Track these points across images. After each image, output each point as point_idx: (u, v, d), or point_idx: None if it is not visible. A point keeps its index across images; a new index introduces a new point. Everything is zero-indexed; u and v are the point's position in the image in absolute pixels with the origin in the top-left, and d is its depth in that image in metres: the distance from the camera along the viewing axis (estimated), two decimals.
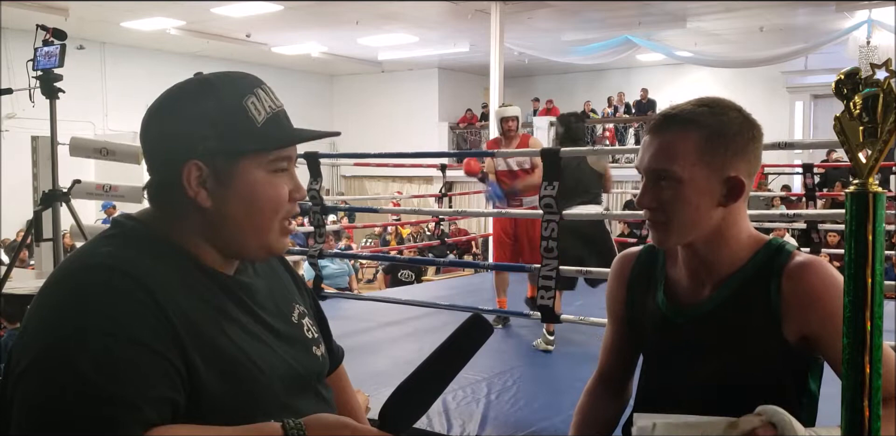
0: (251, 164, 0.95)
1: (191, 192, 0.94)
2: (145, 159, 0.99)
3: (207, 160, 0.94)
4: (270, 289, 1.07)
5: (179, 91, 0.98)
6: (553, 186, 3.32)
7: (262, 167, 0.96)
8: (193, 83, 0.98)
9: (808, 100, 14.56)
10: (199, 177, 0.94)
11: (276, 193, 0.97)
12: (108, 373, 0.82)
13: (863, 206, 0.64)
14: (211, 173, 0.94)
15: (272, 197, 0.97)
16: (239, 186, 0.95)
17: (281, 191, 0.98)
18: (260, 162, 0.96)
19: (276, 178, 0.98)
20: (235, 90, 0.96)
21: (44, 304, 0.90)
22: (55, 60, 3.71)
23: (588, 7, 10.63)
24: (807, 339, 1.15)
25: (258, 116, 0.96)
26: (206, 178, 0.94)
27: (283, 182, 0.98)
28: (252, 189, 0.96)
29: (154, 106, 0.98)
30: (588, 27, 11.79)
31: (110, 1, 9.97)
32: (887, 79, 0.67)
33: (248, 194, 0.96)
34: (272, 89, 1.01)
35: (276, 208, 0.98)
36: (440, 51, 13.99)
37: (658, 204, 1.16)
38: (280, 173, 0.98)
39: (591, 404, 1.40)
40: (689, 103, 1.18)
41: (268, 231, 0.98)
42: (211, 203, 0.95)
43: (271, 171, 0.97)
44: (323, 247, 4.41)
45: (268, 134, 0.96)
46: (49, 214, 3.93)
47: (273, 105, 0.98)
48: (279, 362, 0.99)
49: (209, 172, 0.94)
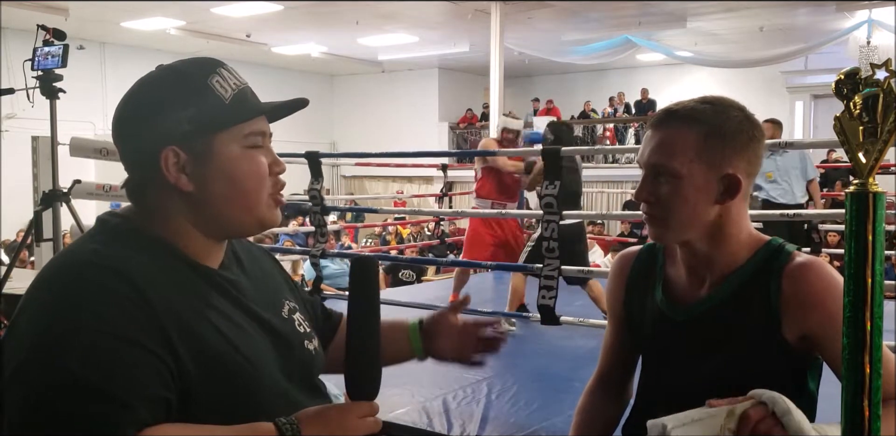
0: (226, 141, 0.96)
1: (171, 178, 0.95)
2: (121, 157, 1.00)
3: (183, 144, 0.95)
4: (258, 285, 1.07)
5: (144, 84, 0.99)
6: (555, 186, 3.32)
7: (236, 143, 0.97)
8: (156, 73, 0.99)
9: (808, 100, 14.56)
10: (177, 163, 0.95)
11: (255, 168, 0.98)
12: (99, 371, 0.82)
13: (863, 206, 0.64)
14: (188, 157, 0.95)
15: (252, 171, 0.98)
16: (217, 164, 0.96)
17: (260, 165, 0.99)
18: (234, 137, 0.97)
19: (254, 153, 0.98)
20: (199, 71, 0.97)
21: (32, 303, 0.89)
22: (58, 61, 3.71)
23: (588, 7, 10.63)
24: (806, 339, 1.15)
25: (225, 94, 0.97)
26: (184, 162, 0.95)
27: (260, 156, 0.99)
28: (231, 166, 0.96)
29: (121, 104, 0.99)
30: (588, 27, 11.79)
31: (110, 1, 9.97)
32: (887, 79, 0.67)
33: (228, 171, 0.96)
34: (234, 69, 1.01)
35: (259, 182, 0.99)
36: (440, 51, 13.99)
37: (655, 199, 1.17)
38: (257, 149, 0.99)
39: (591, 404, 1.40)
40: (692, 100, 1.19)
41: (256, 204, 0.99)
42: (193, 187, 0.96)
43: (247, 146, 0.98)
44: (325, 247, 4.41)
45: (237, 109, 0.97)
46: (49, 215, 3.92)
47: (238, 82, 0.99)
48: (270, 356, 0.99)
49: (186, 157, 0.95)
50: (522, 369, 3.46)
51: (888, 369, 1.09)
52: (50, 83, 3.74)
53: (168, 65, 1.00)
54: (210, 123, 0.95)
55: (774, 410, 0.99)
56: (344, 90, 17.81)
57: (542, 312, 3.32)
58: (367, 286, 0.95)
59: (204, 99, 0.96)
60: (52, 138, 3.99)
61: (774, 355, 1.17)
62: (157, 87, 0.97)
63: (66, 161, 4.12)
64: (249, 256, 1.12)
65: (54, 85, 3.75)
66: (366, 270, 0.95)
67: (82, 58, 11.55)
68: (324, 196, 4.33)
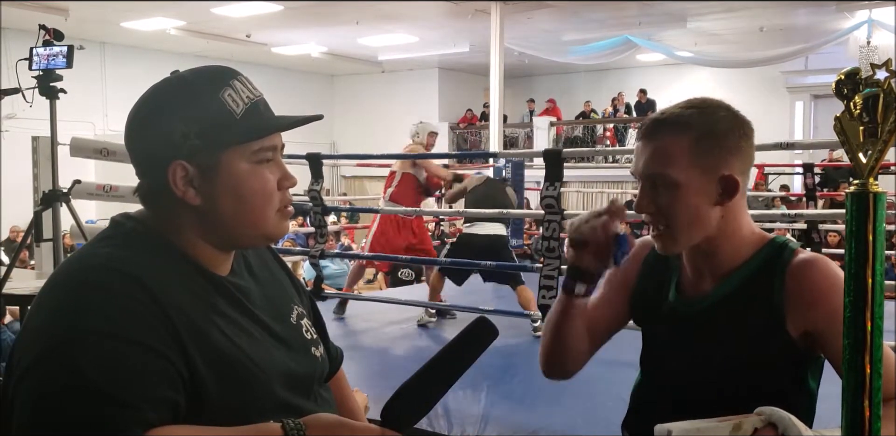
0: (234, 157, 0.95)
1: (178, 192, 0.94)
2: (133, 163, 0.99)
3: (191, 159, 0.94)
4: (267, 291, 1.07)
5: (156, 92, 0.98)
6: (555, 187, 3.32)
7: (245, 159, 0.96)
8: (169, 83, 0.98)
9: (808, 100, 14.55)
10: (185, 176, 0.94)
11: (262, 185, 0.97)
12: (109, 374, 0.83)
13: (863, 206, 0.64)
14: (196, 171, 0.94)
15: (259, 188, 0.97)
16: (224, 180, 0.95)
17: (267, 181, 0.98)
18: (243, 154, 0.96)
19: (262, 168, 0.97)
20: (211, 85, 0.96)
21: (45, 305, 0.90)
22: (62, 61, 3.71)
23: (588, 7, 10.63)
24: (809, 336, 1.16)
25: (236, 108, 0.96)
26: (191, 176, 0.94)
27: (269, 172, 0.98)
28: (238, 183, 0.96)
29: (133, 110, 0.98)
30: (588, 27, 11.79)
31: (110, 1, 9.97)
32: (887, 79, 0.67)
33: (235, 188, 0.96)
34: (249, 79, 1.00)
35: (266, 199, 0.98)
36: (440, 51, 13.99)
37: (656, 208, 1.17)
38: (266, 164, 0.98)
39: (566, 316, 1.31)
40: (677, 106, 1.19)
41: (262, 221, 0.98)
42: (200, 201, 0.95)
43: (256, 162, 0.97)
44: (324, 247, 4.41)
45: (247, 125, 0.96)
46: (49, 215, 3.92)
47: (251, 95, 0.98)
48: (278, 362, 0.99)
49: (194, 171, 0.94)
50: (522, 369, 3.46)
51: (888, 368, 1.09)
52: (48, 83, 3.73)
53: (181, 74, 0.99)
54: (219, 139, 0.94)
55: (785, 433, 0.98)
56: (344, 90, 17.80)
57: (542, 312, 3.33)
58: (476, 345, 0.95)
59: (214, 115, 0.94)
60: (52, 138, 3.99)
61: (777, 352, 1.17)
62: (169, 100, 0.96)
63: (66, 161, 4.12)
64: (259, 261, 1.12)
65: (54, 85, 3.75)
66: (486, 333, 0.96)
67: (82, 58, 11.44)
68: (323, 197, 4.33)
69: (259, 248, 1.14)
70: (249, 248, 1.06)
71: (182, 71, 1.00)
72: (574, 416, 2.82)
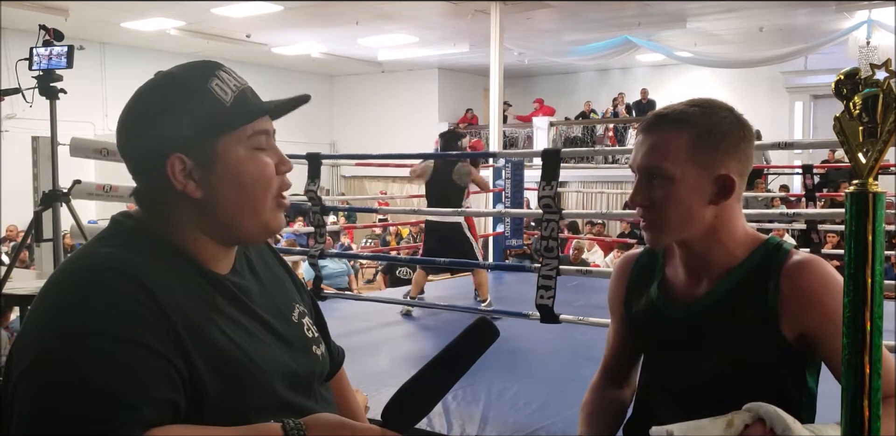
0: (230, 144, 0.96)
1: (179, 185, 0.95)
2: (127, 166, 1.00)
3: (188, 151, 0.95)
4: (268, 289, 1.07)
5: (144, 91, 0.98)
6: (552, 187, 3.32)
7: (241, 145, 0.97)
8: (155, 80, 0.99)
9: (808, 100, 14.56)
10: (184, 169, 0.95)
11: (262, 169, 0.98)
12: (108, 373, 0.83)
13: (863, 206, 0.64)
14: (194, 163, 0.95)
15: (259, 173, 0.98)
16: (224, 168, 0.96)
17: (266, 166, 0.99)
18: (238, 140, 0.96)
19: (259, 154, 0.98)
20: (197, 76, 0.97)
21: (44, 305, 0.90)
22: (62, 61, 3.71)
23: (588, 7, 10.63)
24: (804, 337, 1.16)
25: (225, 97, 0.96)
26: (190, 169, 0.95)
27: (266, 157, 0.99)
28: (237, 169, 0.96)
29: (124, 112, 0.98)
30: (588, 27, 11.79)
31: (110, 1, 9.97)
32: (887, 79, 0.67)
33: (235, 174, 0.96)
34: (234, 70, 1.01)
35: (267, 184, 0.99)
36: (440, 51, 13.98)
37: (650, 202, 1.18)
38: (262, 151, 0.99)
39: (598, 396, 1.41)
40: (681, 104, 1.20)
41: (263, 209, 0.99)
42: (202, 193, 0.96)
43: (251, 148, 0.98)
44: (323, 247, 4.41)
45: (238, 111, 0.97)
46: (49, 215, 3.92)
47: (238, 83, 0.99)
48: (278, 360, 0.99)
49: (192, 163, 0.95)
50: (522, 369, 3.46)
51: (888, 368, 1.10)
52: (49, 83, 3.73)
53: (166, 72, 1.00)
54: (212, 127, 0.95)
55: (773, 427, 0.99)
56: (344, 90, 17.80)
57: (541, 312, 3.32)
58: (477, 346, 0.95)
59: (204, 104, 0.95)
60: (52, 138, 3.99)
61: (773, 354, 1.17)
62: (157, 96, 0.97)
63: (66, 161, 4.12)
64: (261, 259, 1.12)
65: (54, 85, 3.75)
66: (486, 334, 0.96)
67: (82, 58, 11.44)
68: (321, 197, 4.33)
69: (260, 245, 1.14)
70: (250, 242, 1.06)
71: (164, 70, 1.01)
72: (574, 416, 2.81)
